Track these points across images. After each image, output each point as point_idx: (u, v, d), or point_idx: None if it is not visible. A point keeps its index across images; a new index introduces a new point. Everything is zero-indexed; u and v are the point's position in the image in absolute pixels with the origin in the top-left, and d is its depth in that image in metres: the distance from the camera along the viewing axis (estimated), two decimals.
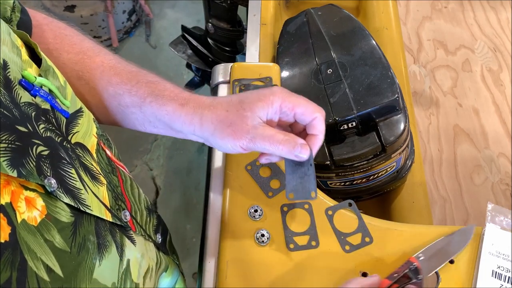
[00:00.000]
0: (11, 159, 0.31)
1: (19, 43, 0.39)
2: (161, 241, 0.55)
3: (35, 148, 0.34)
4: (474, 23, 0.99)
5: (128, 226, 0.46)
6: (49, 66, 0.41)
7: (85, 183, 0.40)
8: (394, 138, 0.59)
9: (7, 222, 0.30)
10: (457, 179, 0.80)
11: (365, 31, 0.66)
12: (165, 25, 2.07)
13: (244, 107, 0.46)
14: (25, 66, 0.38)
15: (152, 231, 0.53)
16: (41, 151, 0.35)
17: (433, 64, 0.93)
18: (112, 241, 0.42)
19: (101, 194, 0.42)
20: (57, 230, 0.34)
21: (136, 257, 0.46)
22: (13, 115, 0.33)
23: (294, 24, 0.70)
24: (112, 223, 0.43)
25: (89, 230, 0.38)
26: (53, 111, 0.40)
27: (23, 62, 0.38)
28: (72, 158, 0.40)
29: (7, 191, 0.31)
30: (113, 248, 0.42)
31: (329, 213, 0.57)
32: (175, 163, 1.73)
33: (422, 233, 0.56)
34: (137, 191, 0.53)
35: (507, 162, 0.81)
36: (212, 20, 1.12)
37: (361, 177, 0.63)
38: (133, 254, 0.45)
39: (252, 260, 0.55)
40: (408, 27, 0.98)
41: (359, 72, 0.61)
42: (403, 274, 0.50)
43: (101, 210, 0.41)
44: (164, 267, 0.54)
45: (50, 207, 0.34)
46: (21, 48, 0.39)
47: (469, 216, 0.76)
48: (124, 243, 0.44)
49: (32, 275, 0.31)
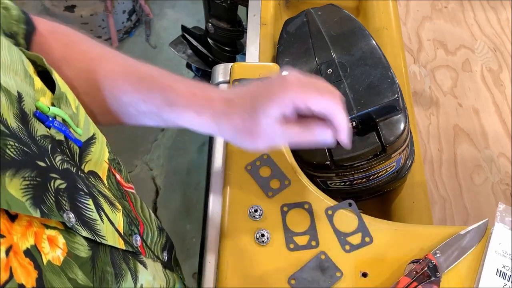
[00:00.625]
0: (33, 197, 0.30)
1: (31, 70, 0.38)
2: (167, 259, 0.54)
3: (53, 183, 0.33)
4: (474, 23, 0.99)
5: (139, 251, 0.45)
6: (62, 93, 0.40)
7: (102, 212, 0.39)
8: (394, 138, 0.59)
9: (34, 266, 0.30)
10: (457, 179, 0.80)
11: (365, 31, 0.66)
12: (165, 25, 2.07)
13: (257, 114, 0.45)
14: (38, 96, 0.37)
15: (159, 250, 0.53)
16: (58, 184, 0.34)
17: (433, 64, 0.93)
18: (127, 269, 0.42)
19: (117, 220, 0.42)
20: (78, 266, 0.34)
21: (148, 281, 0.46)
22: (31, 151, 0.32)
23: (294, 24, 0.70)
24: (125, 250, 0.42)
25: (106, 262, 0.38)
26: (67, 141, 0.39)
27: (35, 92, 0.37)
28: (90, 187, 0.39)
29: (30, 233, 0.30)
30: (128, 276, 0.42)
31: (329, 213, 0.57)
32: (175, 163, 1.73)
33: (422, 233, 0.56)
34: (147, 211, 0.53)
35: (507, 162, 0.81)
36: (212, 20, 1.12)
37: (361, 177, 0.63)
38: (145, 278, 0.46)
39: (252, 260, 0.55)
40: (408, 27, 0.98)
41: (359, 72, 0.61)
42: (422, 272, 0.50)
43: (115, 239, 0.40)
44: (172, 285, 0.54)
45: (70, 243, 0.34)
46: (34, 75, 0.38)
47: (469, 216, 0.76)
48: (137, 269, 0.44)
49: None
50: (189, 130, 0.50)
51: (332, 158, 0.59)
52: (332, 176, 0.62)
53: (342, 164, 0.60)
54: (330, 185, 0.65)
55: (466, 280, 0.52)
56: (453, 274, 0.53)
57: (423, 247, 0.54)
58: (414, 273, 0.50)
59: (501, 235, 0.54)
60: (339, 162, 0.60)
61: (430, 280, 0.50)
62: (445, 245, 0.53)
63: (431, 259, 0.51)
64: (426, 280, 0.50)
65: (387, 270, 0.53)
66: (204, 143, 1.70)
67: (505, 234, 0.54)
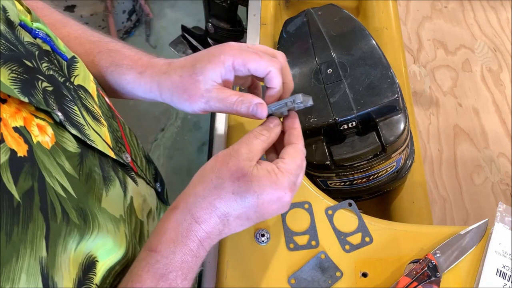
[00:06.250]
0: (22, 88, 0.32)
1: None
2: (160, 190, 0.56)
3: (40, 83, 0.35)
4: (474, 23, 0.99)
5: (130, 166, 0.47)
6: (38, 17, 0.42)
7: (88, 122, 0.41)
8: (394, 138, 0.59)
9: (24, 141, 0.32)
10: (457, 179, 0.80)
11: (365, 31, 0.66)
12: (165, 25, 2.07)
13: (196, 72, 0.46)
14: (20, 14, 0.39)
15: (151, 178, 0.54)
16: (45, 86, 0.36)
17: (433, 64, 0.93)
18: (115, 177, 0.43)
19: (103, 134, 0.43)
20: (66, 157, 0.36)
21: (138, 196, 0.47)
22: (18, 50, 0.34)
23: (294, 24, 0.70)
24: (115, 161, 0.44)
25: (94, 163, 0.39)
26: (54, 53, 0.41)
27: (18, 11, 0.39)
28: (75, 98, 0.41)
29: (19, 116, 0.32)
30: (117, 182, 0.43)
31: (329, 213, 0.57)
32: (175, 163, 1.73)
33: (422, 233, 0.56)
34: (135, 139, 0.54)
35: (507, 162, 0.81)
36: (212, 20, 1.12)
37: (361, 177, 0.63)
38: (135, 193, 0.47)
39: (252, 260, 0.55)
40: (408, 27, 0.98)
41: (359, 72, 0.61)
42: (422, 272, 0.50)
43: (105, 147, 0.42)
44: None
45: (58, 136, 0.36)
46: None
47: (469, 216, 0.76)
48: (127, 181, 0.45)
49: (51, 189, 0.33)
50: (189, 130, 0.50)
51: (332, 158, 0.59)
52: (332, 176, 0.62)
53: (342, 164, 0.60)
54: (330, 185, 0.65)
55: (466, 280, 0.52)
56: (453, 274, 0.53)
57: (423, 247, 0.54)
58: (414, 273, 0.50)
59: (501, 235, 0.54)
60: (339, 162, 0.59)
61: (430, 280, 0.50)
62: (445, 245, 0.53)
63: (431, 259, 0.51)
64: (426, 280, 0.50)
65: (387, 270, 0.53)
66: (204, 143, 1.70)
67: (505, 234, 0.54)
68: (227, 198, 0.40)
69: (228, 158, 0.41)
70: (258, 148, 0.43)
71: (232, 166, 0.41)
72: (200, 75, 0.46)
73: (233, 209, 0.40)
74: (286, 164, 0.42)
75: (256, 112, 0.45)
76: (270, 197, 0.40)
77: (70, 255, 0.34)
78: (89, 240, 0.36)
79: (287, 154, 0.43)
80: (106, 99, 0.50)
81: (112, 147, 0.44)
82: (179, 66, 0.48)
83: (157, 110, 1.81)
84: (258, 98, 0.46)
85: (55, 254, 0.32)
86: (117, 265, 0.41)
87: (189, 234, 0.40)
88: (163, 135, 1.78)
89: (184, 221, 0.40)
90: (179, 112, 1.78)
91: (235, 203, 0.40)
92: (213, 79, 0.46)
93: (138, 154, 0.52)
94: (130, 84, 0.50)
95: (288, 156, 0.43)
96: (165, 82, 0.48)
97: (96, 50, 0.51)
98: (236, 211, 0.40)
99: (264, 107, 0.45)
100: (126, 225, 0.43)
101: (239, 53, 0.46)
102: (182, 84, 0.47)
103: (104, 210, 0.39)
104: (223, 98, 0.45)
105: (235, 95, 0.45)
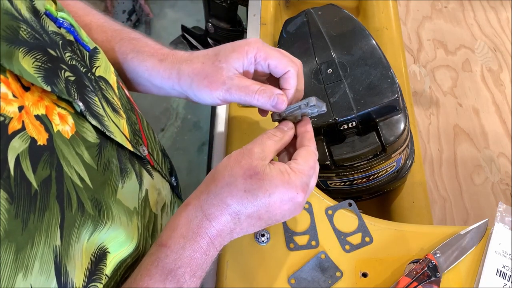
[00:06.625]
0: (45, 76, 0.33)
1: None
2: (175, 184, 0.57)
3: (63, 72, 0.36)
4: (474, 23, 0.99)
5: (146, 159, 0.47)
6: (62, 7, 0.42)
7: (107, 113, 0.41)
8: (394, 138, 0.59)
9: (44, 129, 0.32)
10: (457, 179, 0.80)
11: (365, 31, 0.66)
12: (165, 25, 2.07)
13: (219, 59, 0.47)
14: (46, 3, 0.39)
15: (167, 172, 0.55)
16: (68, 76, 0.36)
17: (433, 64, 0.94)
18: (132, 169, 0.43)
19: (122, 126, 0.44)
20: (85, 147, 0.36)
21: (153, 189, 0.48)
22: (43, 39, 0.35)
23: (294, 24, 0.70)
24: (132, 153, 0.44)
25: (112, 155, 0.40)
26: (77, 43, 0.41)
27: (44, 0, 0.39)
28: (96, 89, 0.41)
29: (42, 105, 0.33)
30: (133, 175, 0.43)
31: (329, 213, 0.57)
32: (175, 163, 1.72)
33: (422, 233, 0.56)
34: (152, 132, 0.54)
35: (507, 162, 0.81)
36: (212, 20, 1.12)
37: (361, 177, 0.63)
38: (151, 186, 0.47)
39: (252, 260, 0.55)
40: (408, 27, 0.98)
41: (359, 72, 0.61)
42: (422, 272, 0.50)
43: (123, 139, 0.42)
44: None
45: (78, 126, 0.36)
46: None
47: (469, 216, 0.76)
48: (143, 174, 0.46)
49: (68, 178, 0.33)
50: (189, 130, 0.50)
51: (332, 158, 0.59)
52: (332, 176, 0.62)
53: (342, 164, 0.60)
54: (330, 185, 0.65)
55: (466, 280, 0.52)
56: (453, 274, 0.53)
57: (423, 247, 0.54)
58: (414, 273, 0.50)
59: (501, 235, 0.54)
60: (339, 162, 0.59)
61: (430, 280, 0.50)
62: (445, 245, 0.53)
63: (431, 259, 0.51)
64: (426, 280, 0.50)
65: (387, 270, 0.53)
66: (204, 143, 1.70)
67: (505, 234, 0.54)
68: (239, 196, 0.40)
69: (241, 157, 0.42)
70: (271, 148, 0.43)
71: (245, 165, 0.41)
72: (223, 63, 0.46)
73: (245, 207, 0.40)
74: (299, 164, 0.42)
75: (277, 102, 0.45)
76: (282, 196, 0.40)
77: (83, 245, 0.34)
78: (102, 232, 0.36)
79: (299, 156, 0.43)
80: (126, 92, 0.50)
81: (130, 139, 0.45)
82: (201, 54, 0.48)
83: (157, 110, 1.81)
84: (279, 90, 0.46)
85: (69, 243, 0.32)
86: (128, 257, 0.42)
87: (200, 230, 0.40)
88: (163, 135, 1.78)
89: (195, 218, 0.40)
90: (179, 112, 1.78)
91: (246, 201, 0.40)
92: (236, 68, 0.46)
93: (154, 147, 0.53)
94: (149, 71, 0.50)
95: (300, 157, 0.43)
96: (186, 68, 0.48)
97: (118, 38, 0.52)
98: (247, 209, 0.40)
99: (285, 98, 0.46)
100: (139, 218, 0.43)
101: (263, 47, 0.47)
102: (203, 71, 0.47)
103: (119, 201, 0.39)
104: (245, 86, 0.46)
105: (258, 84, 0.46)
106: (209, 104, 0.49)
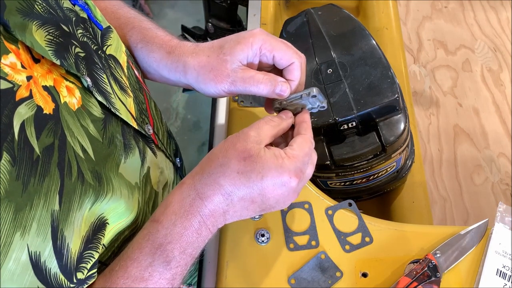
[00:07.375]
0: (55, 50, 0.34)
1: None
2: (180, 165, 0.57)
3: (73, 48, 0.37)
4: (474, 23, 0.99)
5: (151, 138, 0.48)
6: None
7: (114, 91, 0.42)
8: (394, 138, 0.59)
9: (51, 99, 0.34)
10: (457, 179, 0.80)
11: (365, 31, 0.66)
12: (165, 25, 2.05)
13: (224, 52, 0.47)
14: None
15: (171, 153, 0.56)
16: (78, 52, 0.38)
17: (433, 64, 0.93)
18: (135, 146, 0.44)
19: (128, 104, 0.45)
20: (90, 120, 0.38)
21: (156, 167, 0.49)
22: (57, 14, 0.37)
23: (294, 24, 0.70)
24: (136, 131, 0.45)
25: (117, 130, 0.41)
26: (90, 21, 0.43)
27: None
28: (105, 66, 0.43)
29: (50, 77, 0.34)
30: (136, 151, 0.44)
31: (329, 213, 0.57)
32: None
33: (422, 233, 0.56)
34: (160, 114, 0.55)
35: (507, 162, 0.81)
36: (212, 20, 1.12)
37: (361, 177, 0.63)
38: (153, 164, 0.48)
39: (252, 260, 0.55)
40: (408, 27, 0.98)
41: (359, 72, 0.61)
42: (422, 272, 0.50)
43: (128, 117, 0.44)
44: None
45: (85, 100, 0.38)
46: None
47: (469, 216, 0.76)
48: (146, 152, 0.47)
49: (70, 148, 0.35)
50: (189, 130, 0.50)
51: (332, 158, 0.59)
52: (332, 176, 0.62)
53: (342, 164, 0.60)
54: (330, 185, 0.65)
55: (466, 280, 0.52)
56: (453, 274, 0.53)
57: (423, 247, 0.54)
58: (414, 273, 0.50)
59: (501, 235, 0.54)
60: (339, 162, 0.59)
61: (430, 280, 0.50)
62: (445, 245, 0.53)
63: (431, 259, 0.51)
64: (426, 280, 0.50)
65: (387, 270, 0.53)
66: (204, 143, 1.70)
67: (505, 234, 0.54)
68: (232, 177, 0.40)
69: (236, 140, 0.42)
70: (267, 133, 0.43)
71: (240, 147, 0.41)
72: (228, 55, 0.47)
73: (237, 188, 0.40)
74: (293, 150, 0.43)
75: (281, 89, 0.46)
76: (274, 180, 0.41)
77: (84, 213, 0.36)
78: (103, 202, 0.38)
79: (295, 142, 0.44)
80: (136, 72, 0.51)
81: (135, 117, 0.46)
82: (207, 47, 0.49)
83: None
84: (282, 78, 0.47)
85: (69, 209, 0.34)
86: (126, 230, 0.43)
87: (191, 209, 0.40)
88: None
89: (188, 196, 0.41)
90: (179, 112, 1.78)
91: (239, 182, 0.40)
92: (240, 60, 0.47)
93: (160, 128, 0.54)
94: (157, 62, 0.51)
95: (296, 143, 0.44)
96: (192, 61, 0.49)
97: (130, 26, 0.53)
98: (240, 190, 0.40)
99: (288, 85, 0.47)
100: (140, 193, 0.44)
101: (268, 39, 0.47)
102: (209, 64, 0.48)
103: (121, 175, 0.40)
104: (250, 77, 0.46)
105: (261, 74, 0.47)
106: (215, 96, 0.50)
